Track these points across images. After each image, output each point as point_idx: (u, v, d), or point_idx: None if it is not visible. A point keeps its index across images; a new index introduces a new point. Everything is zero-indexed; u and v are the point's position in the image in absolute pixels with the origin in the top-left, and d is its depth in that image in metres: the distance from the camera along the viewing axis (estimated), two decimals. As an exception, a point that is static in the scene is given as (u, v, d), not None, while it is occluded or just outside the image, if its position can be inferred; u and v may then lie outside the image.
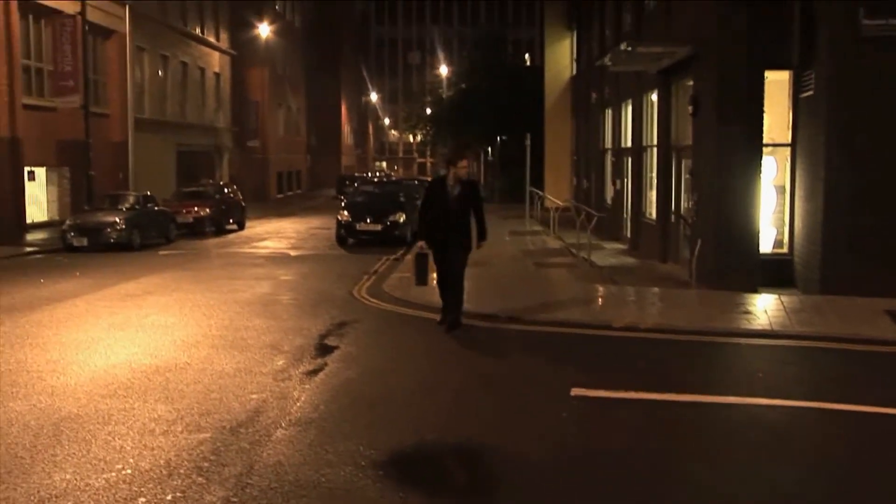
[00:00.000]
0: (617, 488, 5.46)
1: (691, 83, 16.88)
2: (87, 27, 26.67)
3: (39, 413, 7.00)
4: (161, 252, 21.64)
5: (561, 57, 37.54)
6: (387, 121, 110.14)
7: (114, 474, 5.62)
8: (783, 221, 15.78)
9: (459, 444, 6.38)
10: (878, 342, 9.73)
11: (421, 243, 10.59)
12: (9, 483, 5.45)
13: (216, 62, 46.41)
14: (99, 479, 5.52)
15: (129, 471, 5.67)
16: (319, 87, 70.48)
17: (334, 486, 5.44)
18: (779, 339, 10.07)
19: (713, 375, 8.76)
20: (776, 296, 13.01)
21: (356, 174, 63.67)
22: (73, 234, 21.95)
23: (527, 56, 64.90)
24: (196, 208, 27.46)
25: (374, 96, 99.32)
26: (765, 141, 15.35)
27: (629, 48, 17.41)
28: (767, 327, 10.55)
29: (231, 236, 26.96)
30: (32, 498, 5.20)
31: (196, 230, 26.75)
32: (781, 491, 5.52)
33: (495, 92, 47.26)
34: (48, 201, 29.38)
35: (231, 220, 29.43)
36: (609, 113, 26.68)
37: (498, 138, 48.78)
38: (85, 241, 21.69)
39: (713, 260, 15.18)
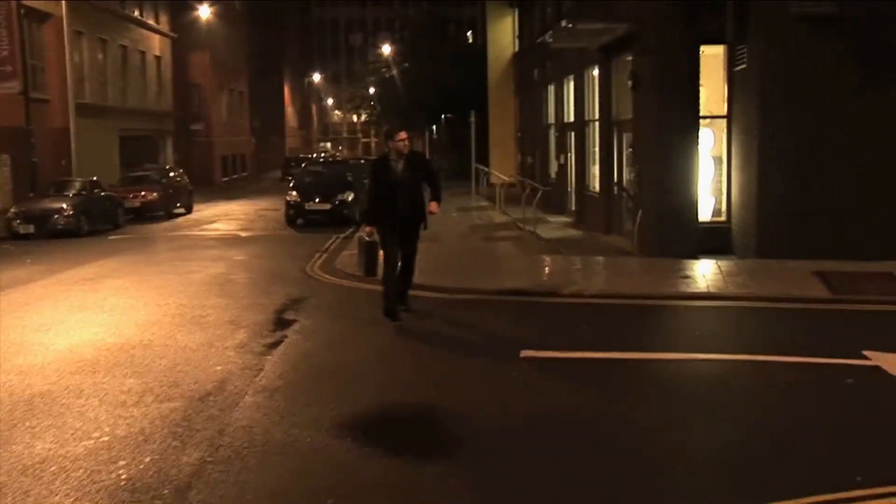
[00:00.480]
0: (567, 442, 5.89)
1: (631, 59, 17.37)
2: (22, 11, 26.38)
3: (11, 390, 7.25)
4: (110, 237, 21.67)
5: (503, 35, 37.88)
6: (330, 101, 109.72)
7: (92, 442, 5.92)
8: (721, 191, 16.37)
9: (417, 407, 6.78)
10: (807, 300, 10.34)
11: (368, 229, 9.72)
12: (20, 438, 5.74)
13: (157, 45, 45.96)
14: (78, 447, 5.82)
15: (106, 438, 5.98)
16: (262, 70, 69.99)
17: (303, 447, 5.80)
18: (715, 301, 10.64)
19: (654, 335, 9.28)
20: (714, 261, 13.59)
21: (301, 155, 63.49)
22: (18, 221, 21.87)
23: (469, 34, 65.17)
24: (143, 193, 27.42)
25: (316, 77, 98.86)
26: (702, 113, 15.93)
27: (570, 25, 17.86)
28: (705, 290, 11.12)
29: (179, 220, 26.99)
30: (17, 465, 5.49)
31: (144, 215, 26.72)
32: (718, 434, 6.00)
33: (439, 71, 47.50)
34: (-11, 189, 29.07)
35: (178, 204, 29.41)
36: (552, 89, 27.15)
37: (443, 117, 49.07)
38: (32, 229, 21.63)
39: (654, 230, 15.73)
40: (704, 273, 12.47)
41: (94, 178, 25.59)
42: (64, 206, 22.16)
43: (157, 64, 45.96)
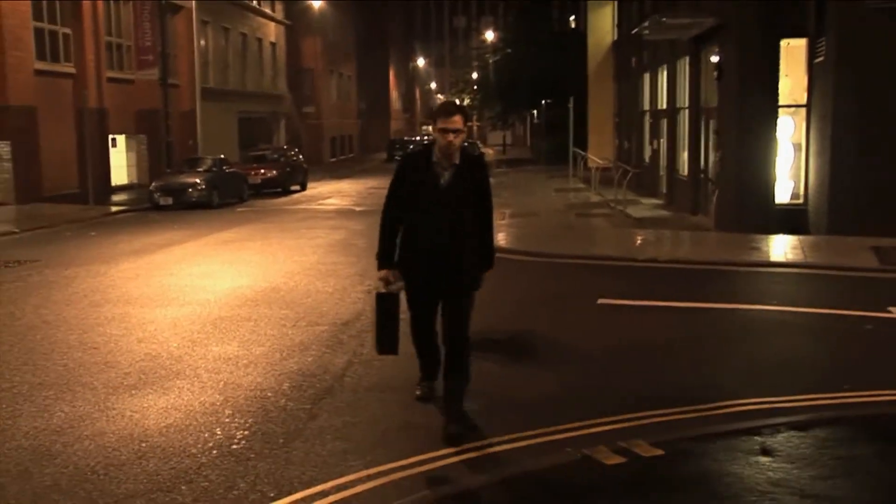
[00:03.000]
0: (638, 365, 7.59)
1: (717, 50, 18.72)
2: (163, 1, 29.04)
3: (197, 316, 9.35)
4: (238, 209, 24.04)
5: (603, 23, 39.14)
6: (433, 85, 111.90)
7: (265, 348, 7.93)
8: (799, 175, 17.62)
9: (520, 334, 8.59)
10: (855, 269, 11.77)
11: (383, 273, 5.78)
12: (198, 350, 7.80)
13: (272, 32, 48.65)
14: (257, 350, 7.83)
15: (275, 347, 7.97)
16: (369, 54, 72.47)
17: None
18: (773, 268, 12.19)
19: (713, 291, 10.88)
20: (782, 237, 14.96)
21: (406, 138, 65.73)
22: (159, 194, 24.40)
23: (572, 19, 66.28)
24: (263, 170, 29.78)
25: (421, 61, 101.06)
26: (783, 102, 17.22)
27: (661, 19, 19.33)
28: (766, 259, 12.63)
29: (296, 196, 29.29)
30: (217, 359, 7.54)
31: (264, 190, 29.07)
32: (754, 357, 7.65)
33: (540, 56, 48.86)
34: (128, 166, 31.95)
35: (295, 182, 31.74)
36: (647, 77, 28.47)
37: (543, 102, 50.50)
38: (170, 200, 24.13)
39: (733, 209, 17.14)
40: (770, 246, 13.93)
41: (222, 156, 28.09)
42: (198, 180, 24.62)
43: (272, 50, 48.67)
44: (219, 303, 10.05)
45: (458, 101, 6.02)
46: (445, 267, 5.64)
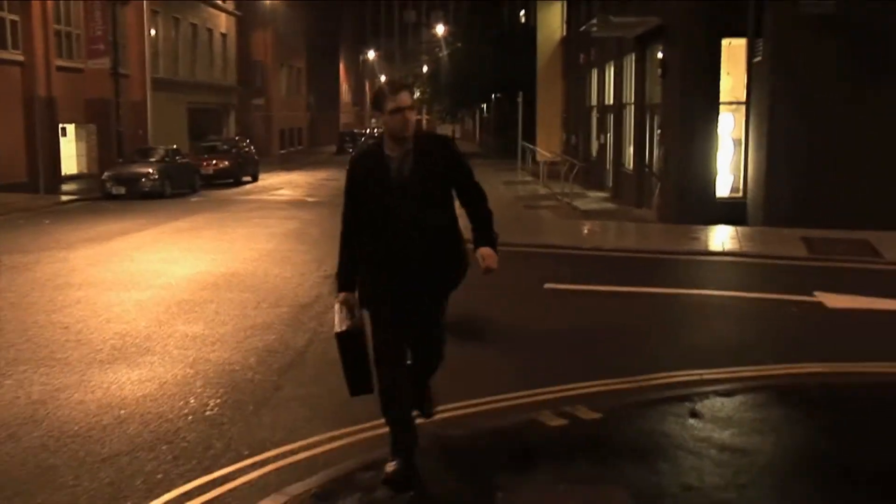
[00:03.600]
0: (581, 343, 8.13)
1: (661, 48, 19.41)
2: (112, -7, 29.04)
3: (161, 298, 9.73)
4: (191, 199, 24.24)
5: (553, 19, 39.81)
6: (383, 78, 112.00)
7: (229, 328, 8.34)
8: (739, 170, 18.38)
9: (469, 318, 9.07)
10: (786, 258, 12.50)
11: (341, 297, 4.77)
12: (165, 329, 8.19)
13: (223, 23, 48.57)
14: (222, 329, 8.25)
15: (239, 327, 8.38)
16: (319, 47, 72.50)
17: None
18: (709, 256, 12.86)
19: (655, 277, 11.52)
20: (719, 228, 15.68)
21: (355, 131, 65.98)
22: (111, 183, 24.50)
23: (521, 14, 67.05)
24: (215, 161, 29.97)
25: (371, 54, 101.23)
26: (725, 100, 17.96)
27: (608, 17, 19.98)
28: (703, 248, 13.31)
29: (248, 187, 29.52)
30: (183, 338, 7.92)
31: (215, 181, 29.24)
32: (688, 339, 8.24)
33: (490, 51, 49.45)
34: (77, 155, 31.87)
35: (246, 173, 31.93)
36: (594, 73, 29.17)
37: (492, 96, 51.11)
38: (123, 190, 24.24)
39: (676, 202, 17.84)
40: (708, 236, 14.64)
41: (175, 147, 28.21)
42: (150, 170, 24.76)
43: (222, 41, 48.58)
44: (180, 286, 10.41)
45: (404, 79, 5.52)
46: (414, 277, 4.62)
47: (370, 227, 4.64)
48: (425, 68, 64.35)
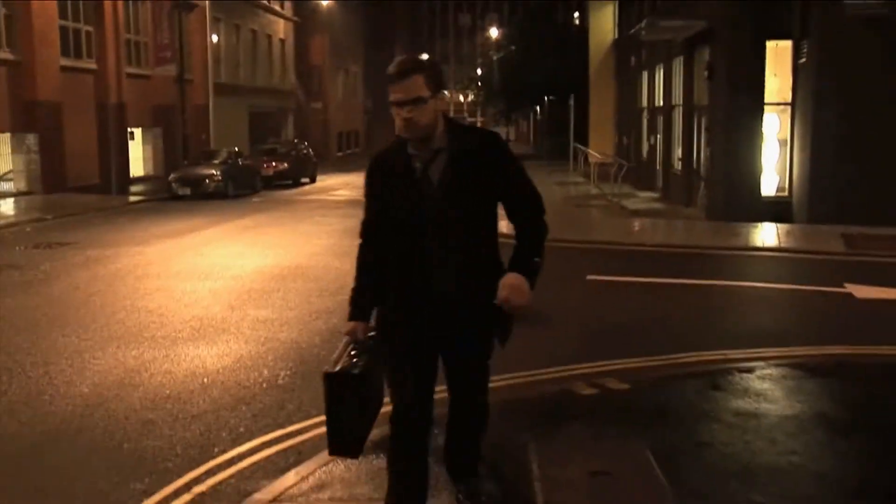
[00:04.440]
0: (617, 326, 8.80)
1: (708, 51, 19.89)
2: (179, 2, 30.25)
3: (233, 287, 10.60)
4: (253, 199, 25.25)
5: (605, 22, 40.28)
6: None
7: (295, 312, 9.14)
8: (785, 169, 18.79)
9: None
10: (824, 252, 12.97)
11: (350, 327, 3.82)
12: (238, 314, 9.03)
13: (281, 29, 49.84)
14: (289, 313, 9.07)
15: (304, 312, 9.18)
16: (375, 51, 73.64)
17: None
18: (751, 251, 13.39)
19: (695, 270, 12.10)
20: (763, 225, 16.16)
21: (411, 134, 66.85)
22: (178, 184, 25.63)
23: (576, 15, 67.32)
24: (275, 163, 31.02)
25: (425, 58, 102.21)
26: (771, 101, 18.39)
27: (657, 21, 20.52)
28: (744, 244, 13.84)
29: (306, 188, 30.51)
30: (255, 322, 8.75)
31: (275, 182, 30.28)
32: (720, 324, 8.84)
33: (543, 54, 50.00)
34: (144, 158, 33.21)
35: (305, 174, 32.95)
36: (645, 75, 29.62)
37: (546, 99, 51.65)
38: (188, 191, 25.35)
39: (722, 201, 18.32)
40: (751, 233, 15.14)
41: (237, 149, 29.32)
42: (214, 172, 25.84)
43: (281, 46, 49.86)
44: (249, 277, 11.28)
45: (421, 57, 3.60)
46: (447, 318, 3.64)
47: (394, 244, 3.62)
48: (479, 71, 65.00)
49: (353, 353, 3.65)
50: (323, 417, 4.24)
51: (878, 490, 4.61)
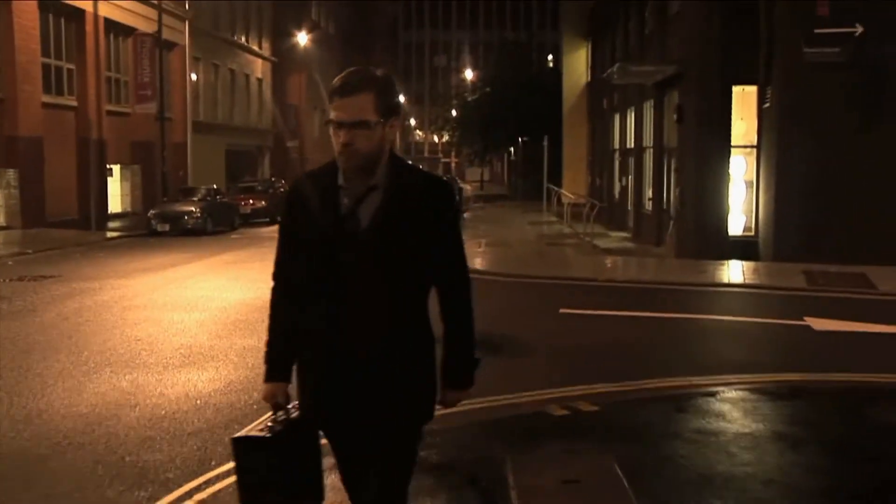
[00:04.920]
0: (589, 355, 9.24)
1: (677, 95, 20.61)
2: (160, 41, 30.77)
3: (218, 319, 10.97)
4: (232, 236, 25.62)
5: (578, 64, 41.22)
6: (413, 121, 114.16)
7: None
8: (751, 210, 19.44)
9: (491, 334, 10.20)
10: (786, 288, 13.54)
11: (268, 390, 3.15)
12: (225, 342, 9.39)
13: (259, 69, 50.47)
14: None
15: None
16: (351, 91, 74.37)
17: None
18: (716, 287, 13.95)
19: (663, 303, 12.60)
20: (728, 262, 16.75)
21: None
22: (157, 220, 25.95)
23: (550, 58, 68.39)
24: (252, 201, 31.42)
25: (401, 98, 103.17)
26: (738, 143, 19.08)
27: (628, 66, 21.24)
28: (710, 280, 14.38)
29: (285, 225, 30.85)
30: (243, 350, 9.12)
31: (251, 220, 30.65)
32: (685, 353, 9.31)
33: (518, 96, 50.91)
34: (122, 195, 33.49)
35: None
36: (617, 117, 30.43)
37: (520, 140, 52.49)
38: (167, 227, 25.67)
39: (691, 240, 18.92)
40: (717, 270, 15.70)
41: (215, 186, 29.69)
42: (193, 209, 26.19)
43: (258, 85, 50.46)
44: (233, 309, 11.64)
45: (374, 72, 2.99)
46: (369, 388, 2.96)
47: (310, 288, 2.99)
48: (454, 112, 65.91)
49: (274, 416, 3.06)
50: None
51: (819, 491, 5.08)
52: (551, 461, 5.54)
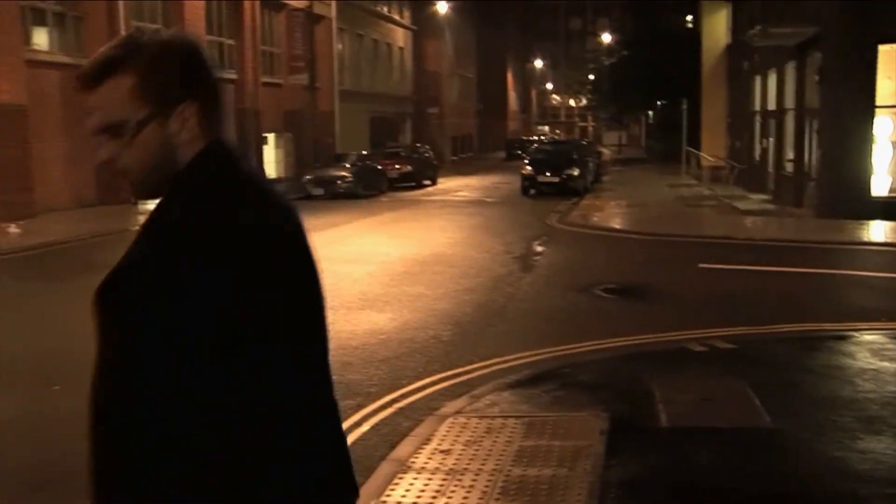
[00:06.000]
0: (726, 302, 10.01)
1: (819, 55, 20.67)
2: (310, 13, 32.46)
3: (385, 271, 12.26)
4: (382, 199, 27.05)
5: (718, 26, 40.80)
6: (549, 85, 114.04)
7: (445, 289, 10.65)
8: (896, 170, 19.45)
9: (632, 284, 11.11)
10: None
11: None
12: (395, 290, 10.61)
13: (400, 37, 51.97)
14: (439, 290, 10.61)
15: (452, 289, 10.69)
16: (488, 56, 75.32)
17: (563, 293, 10.26)
18: (857, 245, 14.42)
19: (800, 259, 13.13)
20: (868, 222, 16.98)
21: (524, 138, 68.35)
22: (311, 185, 27.63)
23: (689, 18, 67.45)
24: (398, 165, 32.83)
25: (538, 63, 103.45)
26: (883, 103, 19.08)
27: (768, 28, 21.41)
28: (850, 239, 14.77)
29: (429, 189, 32.22)
30: (412, 296, 10.29)
31: (398, 184, 32.04)
32: (819, 301, 9.98)
33: (655, 58, 50.62)
34: (276, 161, 35.52)
35: (426, 177, 34.67)
36: (758, 79, 30.29)
37: (658, 103, 52.30)
38: (321, 191, 27.30)
39: (832, 201, 19.11)
40: (858, 229, 16.01)
41: (365, 152, 31.23)
42: (345, 173, 27.76)
43: (400, 54, 52.00)
44: (397, 263, 12.90)
45: (134, 38, 1.66)
46: None
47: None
48: (591, 76, 65.93)
49: None
50: (481, 363, 7.18)
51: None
52: (691, 383, 6.45)
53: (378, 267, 12.53)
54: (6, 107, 19.05)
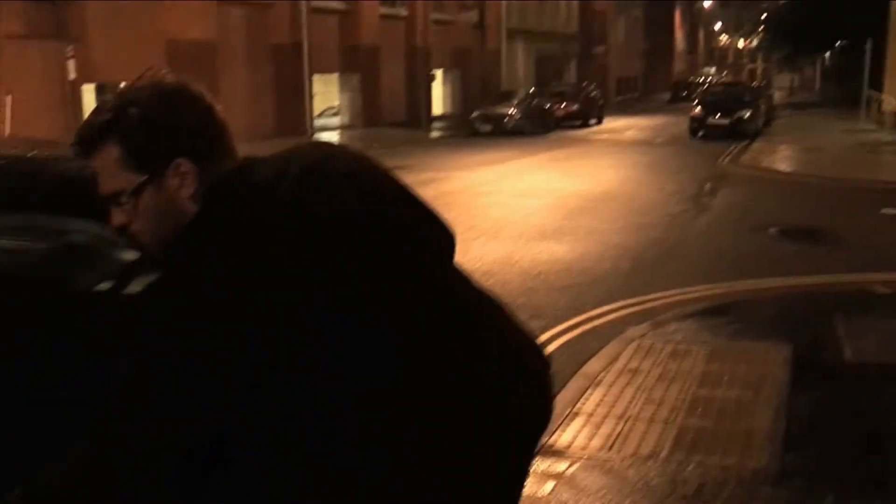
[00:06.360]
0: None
1: None
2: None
3: (559, 205, 12.56)
4: (550, 137, 27.17)
5: (909, -38, 38.39)
6: (718, 25, 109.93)
7: (620, 224, 10.85)
8: None
9: (806, 227, 11.00)
10: None
11: None
12: (572, 223, 10.88)
13: (566, -25, 51.33)
14: (615, 225, 10.82)
15: (626, 224, 10.88)
16: (656, -6, 73.26)
17: (735, 234, 10.30)
18: None
19: None
20: None
21: (690, 80, 66.43)
22: (479, 122, 28.03)
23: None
24: (565, 104, 32.75)
25: (706, 2, 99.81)
26: None
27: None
28: None
29: (595, 128, 32.07)
30: (588, 229, 10.55)
31: (564, 123, 32.00)
32: None
33: (837, -3, 48.06)
34: (443, 98, 36.09)
35: (592, 116, 34.48)
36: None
37: (837, 43, 49.78)
38: (489, 128, 27.66)
39: None
40: None
41: (532, 90, 31.34)
42: (513, 111, 28.02)
43: (567, -9, 51.42)
44: (570, 197, 13.17)
45: (123, 100, 1.61)
46: None
47: None
48: (763, 16, 63.16)
49: None
50: (660, 294, 7.46)
51: None
52: (876, 321, 6.50)
53: (553, 200, 12.83)
54: (197, 43, 20.16)
